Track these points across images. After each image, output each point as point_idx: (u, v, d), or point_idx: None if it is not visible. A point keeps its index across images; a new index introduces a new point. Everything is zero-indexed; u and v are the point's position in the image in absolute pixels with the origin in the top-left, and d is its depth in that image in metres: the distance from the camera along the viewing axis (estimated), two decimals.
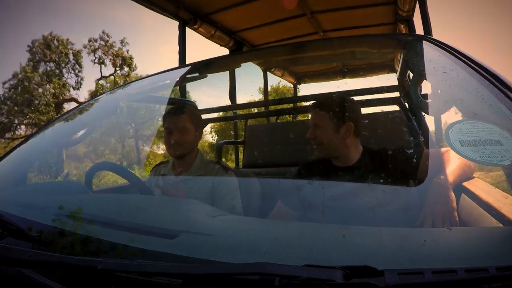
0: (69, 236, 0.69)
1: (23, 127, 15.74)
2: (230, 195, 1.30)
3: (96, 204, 1.01)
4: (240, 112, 3.11)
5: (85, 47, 17.61)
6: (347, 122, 1.17)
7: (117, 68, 17.67)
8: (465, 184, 0.91)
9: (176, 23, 2.50)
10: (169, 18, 2.41)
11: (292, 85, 4.34)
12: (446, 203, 0.84)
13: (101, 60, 17.56)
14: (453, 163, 0.93)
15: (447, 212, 0.82)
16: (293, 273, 0.43)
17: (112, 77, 17.82)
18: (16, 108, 15.34)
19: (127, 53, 18.04)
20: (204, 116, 2.82)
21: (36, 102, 15.56)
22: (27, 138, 1.35)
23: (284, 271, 0.44)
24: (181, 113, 1.40)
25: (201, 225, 0.73)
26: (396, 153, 1.15)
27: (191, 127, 1.39)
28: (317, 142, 1.19)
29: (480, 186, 0.87)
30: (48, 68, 16.59)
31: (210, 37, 2.77)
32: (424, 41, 1.24)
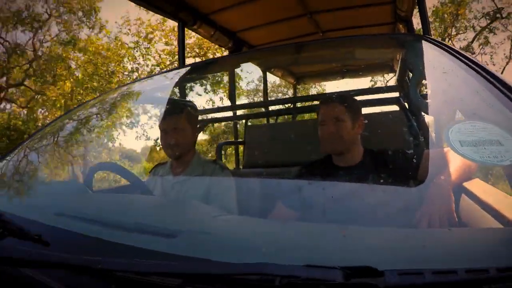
0: (69, 236, 0.69)
1: None
2: (224, 195, 1.29)
3: (96, 204, 1.01)
4: (240, 112, 3.11)
5: None
6: (360, 119, 1.20)
7: None
8: (465, 184, 0.91)
9: None
10: None
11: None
12: (447, 203, 0.84)
13: None
14: (453, 164, 0.93)
15: (448, 212, 0.82)
16: (293, 273, 0.44)
17: None
18: None
19: None
20: (204, 117, 2.83)
21: None
22: (28, 137, 1.35)
23: (284, 271, 0.44)
24: (177, 113, 1.39)
25: (201, 225, 0.73)
26: (397, 154, 1.15)
27: (188, 127, 1.38)
28: (337, 135, 1.18)
29: (480, 186, 0.87)
30: None
31: (210, 38, 2.76)
32: (423, 41, 1.24)
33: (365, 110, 1.51)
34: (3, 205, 0.86)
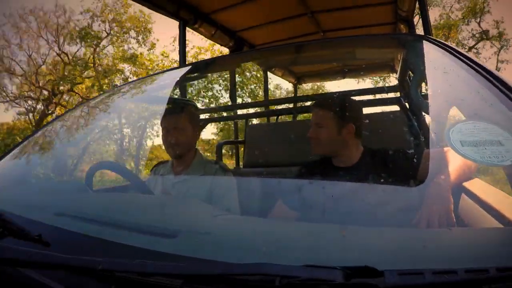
0: (70, 236, 0.69)
1: None
2: (227, 196, 1.29)
3: (96, 203, 1.01)
4: (240, 111, 3.11)
5: None
6: (349, 123, 1.18)
7: None
8: (465, 184, 0.91)
9: None
10: None
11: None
12: (447, 203, 0.83)
13: None
14: (454, 164, 0.93)
15: (448, 212, 0.82)
16: (293, 273, 0.43)
17: None
18: None
19: None
20: (204, 116, 2.83)
21: None
22: (28, 136, 1.35)
23: (284, 271, 0.44)
24: (179, 113, 1.40)
25: (201, 225, 0.73)
26: (397, 154, 1.15)
27: (189, 126, 1.39)
28: (317, 141, 1.20)
29: (480, 186, 0.87)
30: None
31: (211, 37, 2.77)
32: (424, 41, 1.23)
33: (365, 110, 1.50)
34: (3, 204, 0.86)
